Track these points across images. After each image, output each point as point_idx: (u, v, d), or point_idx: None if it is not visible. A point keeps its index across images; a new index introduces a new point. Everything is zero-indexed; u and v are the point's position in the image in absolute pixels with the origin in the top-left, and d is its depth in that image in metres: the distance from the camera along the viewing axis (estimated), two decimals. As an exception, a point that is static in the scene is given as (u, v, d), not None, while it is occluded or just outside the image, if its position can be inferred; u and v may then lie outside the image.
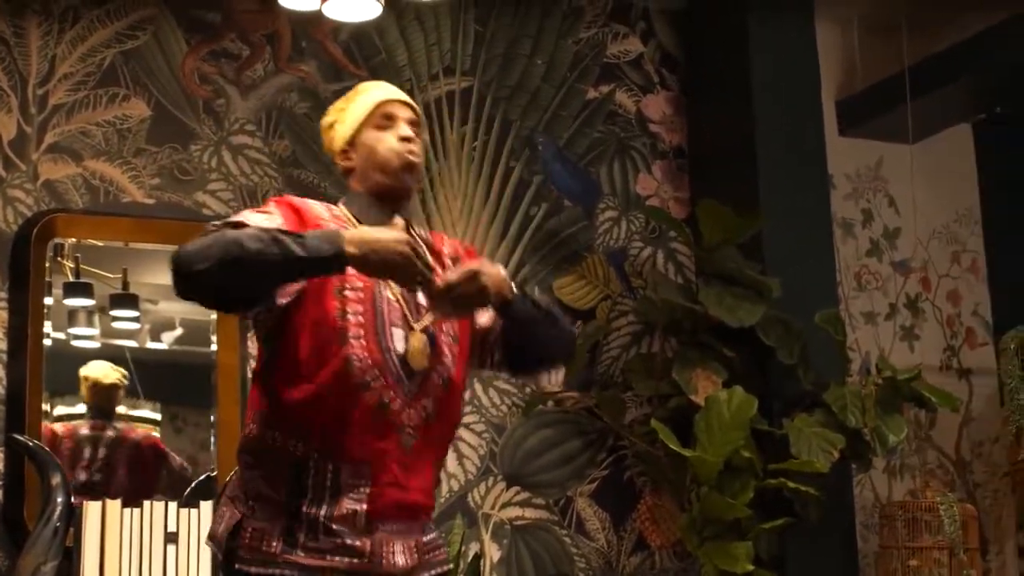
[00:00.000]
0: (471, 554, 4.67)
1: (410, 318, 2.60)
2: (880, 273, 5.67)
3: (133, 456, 4.66)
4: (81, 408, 4.63)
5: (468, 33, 5.22)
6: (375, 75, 4.98)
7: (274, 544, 2.49)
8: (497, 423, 4.96)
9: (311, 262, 2.40)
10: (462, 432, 4.87)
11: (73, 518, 4.05)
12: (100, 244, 4.58)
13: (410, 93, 4.93)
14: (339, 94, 4.75)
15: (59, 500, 4.04)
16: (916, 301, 5.71)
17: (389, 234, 2.46)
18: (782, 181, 5.14)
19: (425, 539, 2.64)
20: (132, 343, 4.76)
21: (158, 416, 4.80)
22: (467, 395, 4.83)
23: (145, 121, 4.68)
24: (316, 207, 2.67)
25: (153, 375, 4.73)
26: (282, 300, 2.51)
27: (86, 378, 4.59)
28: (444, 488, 4.82)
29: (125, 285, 4.71)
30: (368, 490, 2.51)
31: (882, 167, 5.76)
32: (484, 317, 2.78)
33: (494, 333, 2.77)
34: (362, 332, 2.54)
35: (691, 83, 5.52)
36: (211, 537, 2.62)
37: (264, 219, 2.53)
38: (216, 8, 4.83)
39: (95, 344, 4.70)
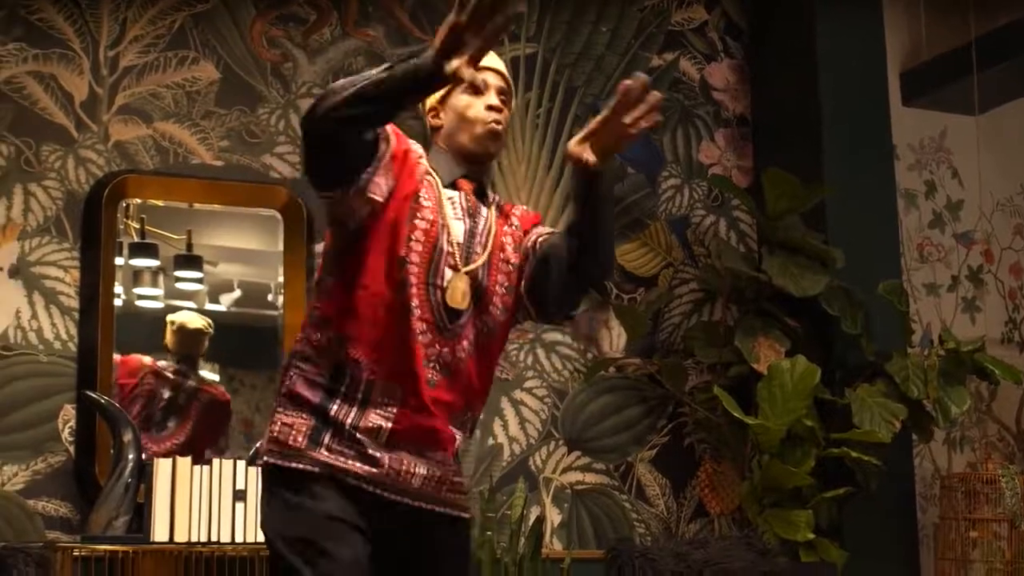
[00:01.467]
0: (532, 517, 4.71)
1: (459, 262, 2.67)
2: (943, 245, 5.65)
3: (207, 408, 4.71)
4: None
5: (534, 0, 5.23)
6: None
7: (300, 440, 2.56)
8: (559, 388, 4.99)
9: (409, 68, 2.42)
10: (523, 396, 4.91)
11: (144, 474, 4.12)
12: (163, 205, 4.63)
13: (476, 59, 5.01)
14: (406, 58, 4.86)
15: (130, 456, 4.11)
16: (978, 273, 5.69)
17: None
18: (846, 151, 5.13)
19: (452, 477, 2.69)
20: (191, 304, 4.81)
21: (216, 377, 4.85)
22: (528, 359, 4.88)
23: (214, 84, 4.72)
24: (414, 144, 2.74)
25: (216, 338, 4.78)
26: (372, 195, 2.59)
27: (172, 323, 4.64)
28: (505, 452, 4.86)
29: (189, 246, 4.75)
30: (395, 410, 2.59)
31: (946, 138, 5.73)
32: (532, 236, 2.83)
33: (532, 249, 2.80)
34: (417, 260, 2.62)
35: (755, 51, 5.50)
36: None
37: None
38: (285, -28, 4.86)
39: (159, 304, 4.75)
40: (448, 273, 2.65)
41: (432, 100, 2.78)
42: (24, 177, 4.43)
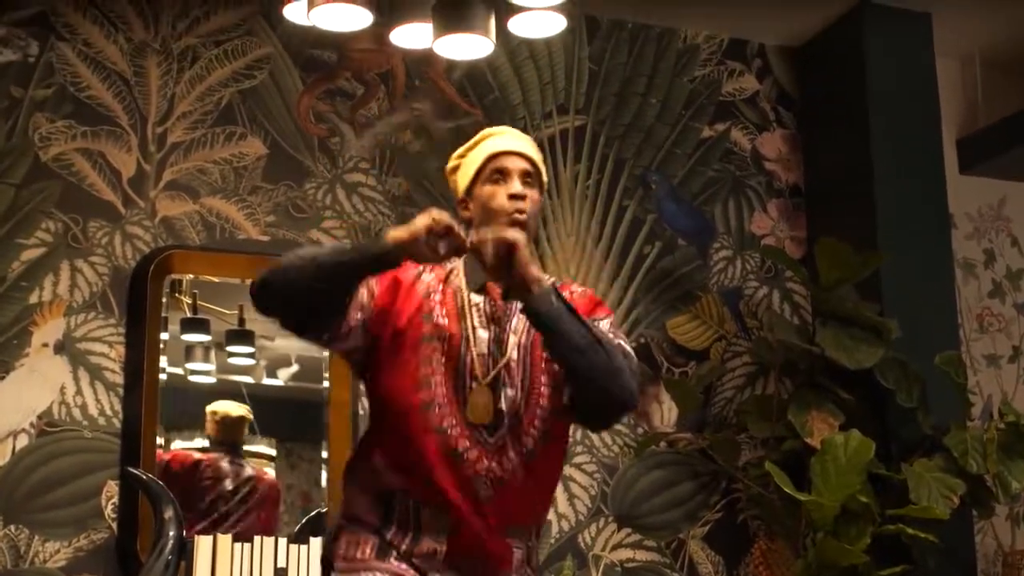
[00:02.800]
0: (581, 596, 4.63)
1: (479, 373, 2.61)
2: (1003, 315, 5.53)
3: (265, 495, 4.69)
4: (200, 443, 4.67)
5: (582, 72, 5.21)
6: (488, 113, 4.99)
7: (368, 552, 2.57)
8: (609, 463, 4.91)
9: (359, 251, 2.51)
10: (573, 472, 4.84)
11: (185, 551, 4.08)
12: (217, 280, 4.63)
13: (523, 131, 4.98)
14: (452, 132, 4.88)
15: (171, 533, 4.08)
16: (1041, 344, 5.57)
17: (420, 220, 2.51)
18: (901, 220, 5.04)
19: None
20: (248, 379, 4.80)
21: (273, 452, 4.82)
22: (577, 434, 4.81)
23: (261, 159, 4.73)
24: (411, 269, 2.68)
25: (269, 411, 4.76)
26: (349, 337, 2.59)
27: (214, 413, 4.63)
28: (554, 528, 4.78)
29: (241, 321, 4.75)
30: (446, 536, 2.56)
31: (1005, 206, 5.63)
32: None
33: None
34: (442, 380, 2.58)
35: (807, 120, 5.45)
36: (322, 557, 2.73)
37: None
38: (331, 47, 4.87)
39: (211, 379, 4.75)
40: (477, 387, 2.60)
41: (460, 191, 2.74)
42: (71, 253, 4.45)
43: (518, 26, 3.71)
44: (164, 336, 4.49)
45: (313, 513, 4.54)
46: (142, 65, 4.65)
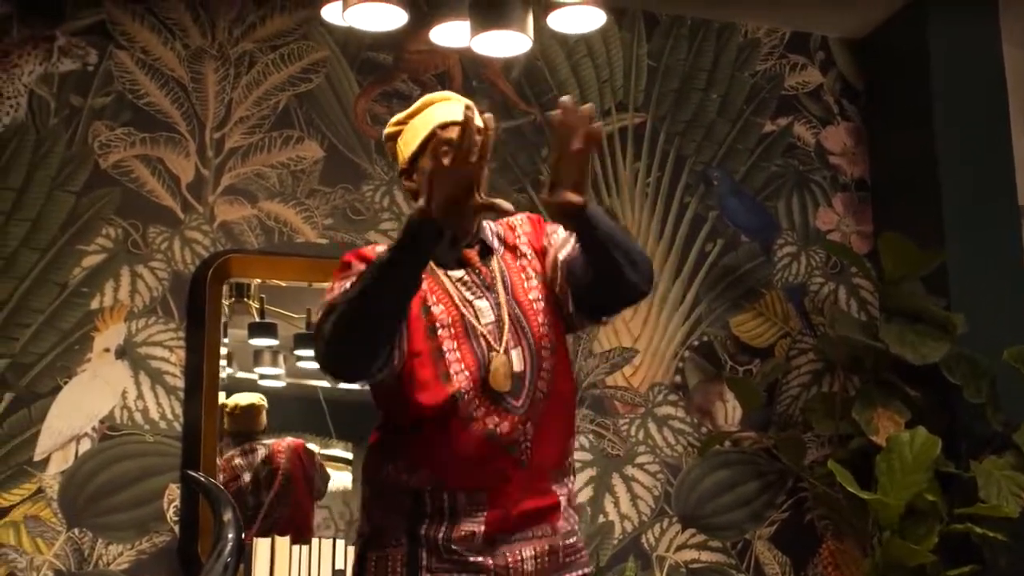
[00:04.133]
0: (644, 597, 4.59)
1: (493, 342, 2.58)
2: (1078, 308, 5.39)
3: (289, 467, 4.68)
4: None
5: (641, 68, 5.16)
6: (547, 112, 4.96)
7: (399, 570, 2.51)
8: (672, 463, 4.86)
9: (397, 252, 2.36)
10: (635, 472, 4.80)
11: (243, 554, 4.09)
12: (284, 285, 4.64)
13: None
14: (510, 132, 4.87)
15: (230, 536, 4.08)
16: (1117, 337, 5.42)
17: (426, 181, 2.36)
18: (968, 212, 4.95)
19: (565, 541, 2.60)
20: (324, 383, 4.81)
21: (350, 456, 4.82)
22: (640, 434, 4.77)
23: (318, 162, 4.74)
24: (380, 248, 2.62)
25: (345, 415, 4.76)
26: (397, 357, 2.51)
27: (224, 406, 4.61)
28: (617, 529, 4.74)
29: (309, 325, 4.75)
30: (485, 513, 2.52)
31: (1079, 197, 5.50)
32: (563, 251, 2.71)
33: (559, 260, 2.69)
34: (462, 366, 2.55)
35: (872, 113, 5.36)
36: None
37: (344, 283, 2.54)
38: (388, 49, 4.87)
39: (281, 383, 4.76)
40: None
41: (403, 159, 2.66)
42: (131, 259, 4.49)
43: (557, 22, 3.68)
44: (224, 340, 4.51)
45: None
46: (199, 71, 4.68)
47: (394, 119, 2.76)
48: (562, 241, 2.70)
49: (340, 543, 4.17)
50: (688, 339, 4.99)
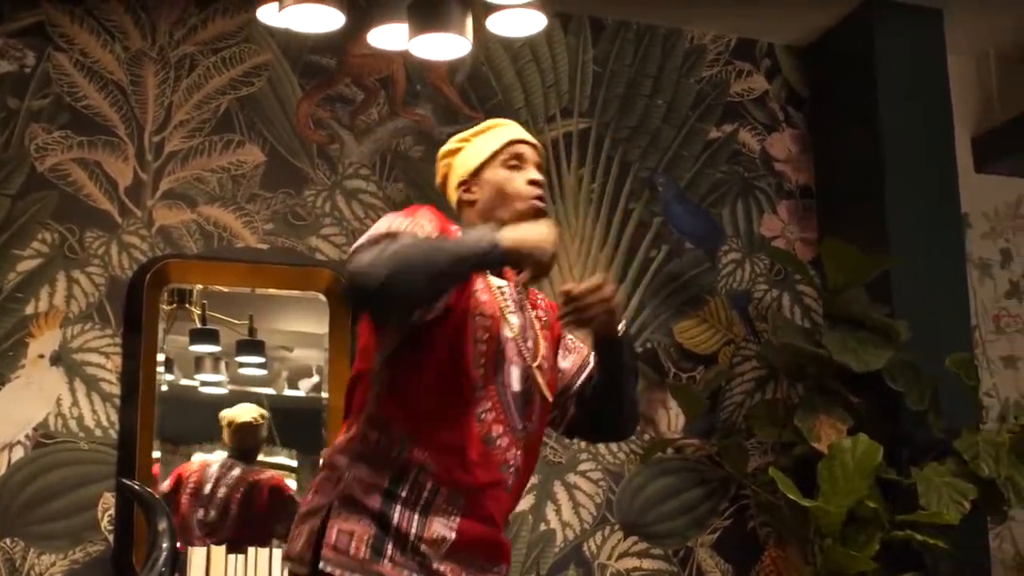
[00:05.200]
0: (586, 605, 4.56)
1: (527, 355, 2.57)
2: (1020, 315, 5.43)
3: (254, 497, 4.63)
4: (220, 454, 4.63)
5: (586, 74, 5.15)
6: (491, 116, 4.91)
7: (363, 550, 2.40)
8: (614, 471, 4.84)
9: (472, 257, 2.39)
10: (578, 480, 4.77)
11: (178, 563, 4.05)
12: (226, 290, 4.59)
13: (525, 135, 4.94)
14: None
15: (164, 545, 4.04)
16: (1060, 345, 5.46)
17: (537, 229, 2.45)
18: (912, 220, 4.95)
19: None
20: (270, 391, 4.76)
21: (295, 463, 4.78)
22: (582, 442, 4.74)
23: (259, 167, 4.70)
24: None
25: (291, 422, 4.72)
26: (432, 314, 2.48)
27: (222, 418, 4.60)
28: (559, 537, 4.72)
29: (251, 331, 4.72)
30: (458, 520, 2.46)
31: (1022, 205, 5.52)
32: (567, 361, 2.73)
33: (575, 384, 2.75)
34: (483, 361, 2.51)
35: (818, 120, 5.36)
36: (288, 556, 2.52)
37: (414, 225, 2.52)
38: (330, 53, 4.83)
39: (223, 390, 4.71)
40: (514, 371, 2.54)
41: (464, 172, 2.69)
42: (67, 264, 4.43)
43: (497, 25, 3.65)
44: (163, 346, 4.46)
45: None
46: (139, 74, 4.63)
47: (458, 137, 2.79)
48: (583, 358, 2.77)
49: (277, 552, 4.12)
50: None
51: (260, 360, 4.79)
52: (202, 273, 4.56)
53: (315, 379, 4.82)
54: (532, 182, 2.64)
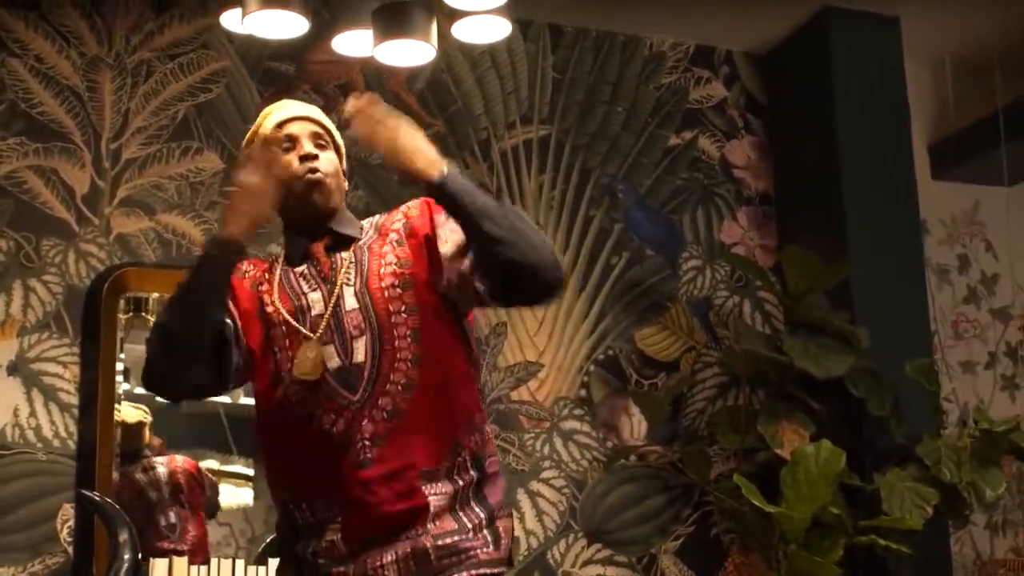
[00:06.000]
0: (550, 614, 4.54)
1: (302, 329, 2.52)
2: (978, 321, 5.47)
3: (186, 481, 4.57)
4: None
5: (546, 81, 5.14)
6: (451, 124, 4.92)
7: None
8: (577, 478, 4.83)
9: (202, 263, 2.52)
10: (540, 487, 4.75)
11: (140, 574, 3.99)
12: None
13: (486, 142, 4.93)
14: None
15: (126, 556, 3.97)
16: (1017, 350, 5.49)
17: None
18: (872, 227, 4.97)
19: (438, 543, 2.44)
20: (225, 399, 4.70)
21: (251, 472, 4.72)
22: (544, 449, 4.73)
23: (218, 174, 4.65)
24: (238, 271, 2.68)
25: (245, 431, 4.67)
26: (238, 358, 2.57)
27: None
28: (523, 545, 4.70)
29: (209, 340, 4.65)
30: (339, 518, 2.45)
31: (979, 211, 5.57)
32: (447, 245, 2.58)
33: (464, 262, 2.54)
34: (289, 365, 2.50)
35: (776, 127, 5.38)
36: None
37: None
38: (289, 60, 4.80)
39: (176, 400, 4.65)
40: (327, 350, 2.49)
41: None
42: (24, 272, 4.37)
43: (462, 31, 3.63)
44: (121, 355, 4.40)
45: (274, 536, 4.43)
46: (95, 80, 4.57)
47: (244, 142, 2.81)
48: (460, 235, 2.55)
49: (240, 563, 4.07)
50: (593, 353, 4.96)
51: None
52: (161, 282, 4.49)
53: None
54: (304, 156, 2.62)
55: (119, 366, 4.37)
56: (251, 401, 4.62)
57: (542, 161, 5.06)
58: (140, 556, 4.02)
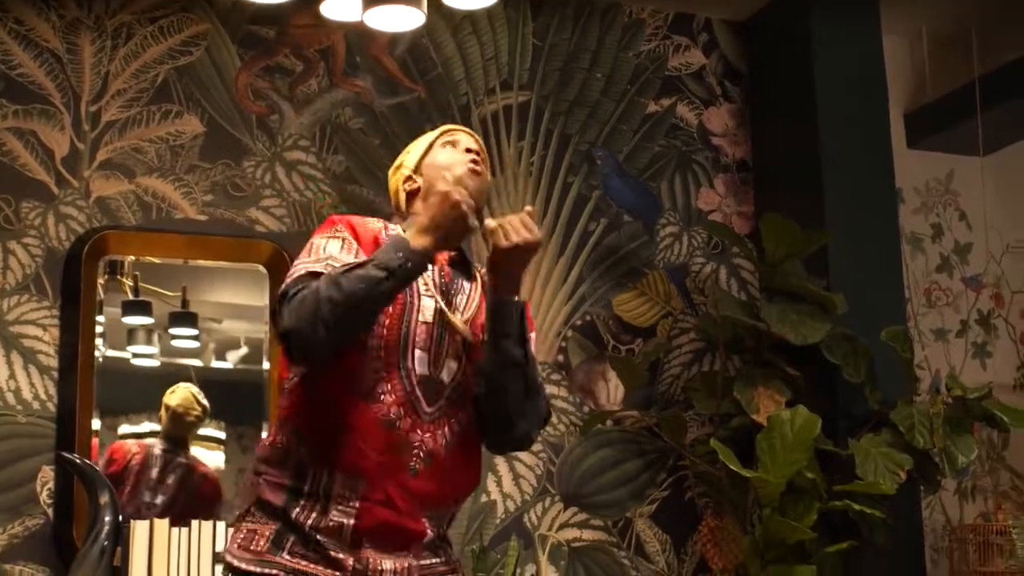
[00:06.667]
0: (527, 576, 4.59)
1: (420, 341, 2.56)
2: (951, 289, 5.52)
3: (196, 487, 4.60)
4: (148, 427, 4.59)
5: (526, 47, 5.14)
6: (431, 89, 4.93)
7: (262, 544, 2.49)
8: (554, 443, 4.87)
9: (392, 276, 2.42)
10: (518, 452, 4.78)
11: (121, 537, 4.01)
12: (159, 262, 4.54)
13: (466, 107, 4.94)
14: (394, 109, 4.82)
15: (107, 519, 4.00)
16: (988, 318, 5.55)
17: (433, 197, 2.50)
18: (848, 195, 5.01)
19: (423, 562, 2.57)
20: (197, 362, 4.72)
21: (223, 435, 4.74)
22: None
23: (198, 137, 4.65)
24: (372, 224, 2.70)
25: (219, 394, 4.69)
26: None
27: (167, 406, 4.55)
28: (499, 509, 4.73)
29: (184, 303, 4.67)
30: (357, 504, 2.48)
31: (953, 180, 5.61)
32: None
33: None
34: (382, 344, 2.52)
35: (754, 95, 5.40)
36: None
37: (337, 246, 2.58)
38: (270, 23, 4.79)
39: (155, 363, 4.66)
40: (419, 354, 2.54)
41: (407, 171, 2.79)
42: (3, 235, 4.37)
43: (453, -3, 3.64)
44: (100, 318, 4.41)
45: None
46: (75, 42, 4.56)
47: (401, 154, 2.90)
48: None
49: (220, 525, 4.09)
50: (571, 318, 4.99)
51: (193, 332, 4.75)
52: (141, 245, 4.51)
53: (244, 350, 4.79)
54: (467, 150, 2.75)
55: (100, 329, 4.38)
56: (225, 365, 4.72)
57: (521, 127, 5.07)
58: (121, 518, 4.05)
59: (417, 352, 2.54)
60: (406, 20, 3.55)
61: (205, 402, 4.58)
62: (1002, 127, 5.37)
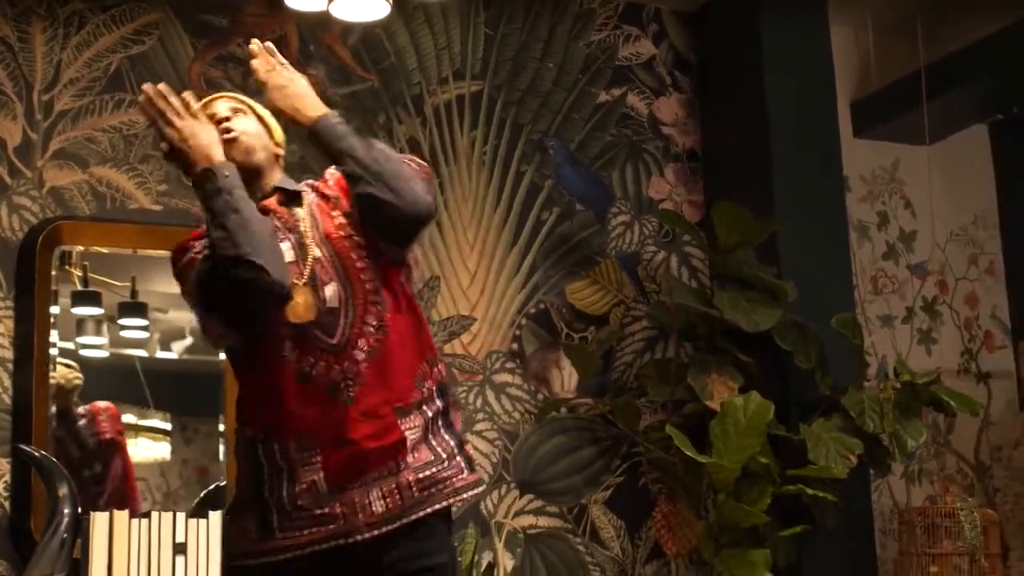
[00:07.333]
0: (484, 563, 4.61)
1: (295, 279, 2.61)
2: (897, 276, 5.60)
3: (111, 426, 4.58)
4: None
5: (478, 36, 5.16)
6: (384, 79, 4.93)
7: (253, 535, 2.54)
8: (509, 430, 4.90)
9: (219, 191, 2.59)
10: (473, 439, 4.81)
11: (80, 529, 3.99)
12: (107, 252, 4.52)
13: (419, 97, 4.95)
14: (348, 98, 4.81)
15: (66, 511, 3.98)
16: (933, 304, 5.64)
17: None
18: (797, 183, 5.07)
19: (417, 476, 2.57)
20: (142, 352, 4.70)
21: (168, 426, 4.73)
22: (477, 402, 4.79)
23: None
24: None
25: (163, 385, 4.67)
26: None
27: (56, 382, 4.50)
28: (456, 496, 4.75)
29: (134, 293, 4.65)
30: (319, 458, 2.53)
31: (898, 169, 5.69)
32: None
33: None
34: (267, 310, 2.58)
35: (704, 85, 5.45)
36: None
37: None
38: (223, 12, 4.77)
39: (103, 353, 4.64)
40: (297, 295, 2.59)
41: None
42: (-45, 225, 4.33)
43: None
44: (54, 310, 4.38)
45: (212, 487, 4.45)
46: (27, 31, 4.52)
47: None
48: None
49: (180, 516, 4.08)
50: (525, 307, 5.02)
51: (143, 323, 4.73)
52: (95, 235, 4.48)
53: (188, 341, 4.78)
54: (218, 122, 2.81)
55: (52, 320, 4.35)
56: (168, 355, 4.71)
57: (474, 117, 5.09)
58: (80, 510, 4.03)
59: (296, 297, 2.58)
60: (371, 10, 3.56)
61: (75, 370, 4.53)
62: (947, 116, 5.46)
